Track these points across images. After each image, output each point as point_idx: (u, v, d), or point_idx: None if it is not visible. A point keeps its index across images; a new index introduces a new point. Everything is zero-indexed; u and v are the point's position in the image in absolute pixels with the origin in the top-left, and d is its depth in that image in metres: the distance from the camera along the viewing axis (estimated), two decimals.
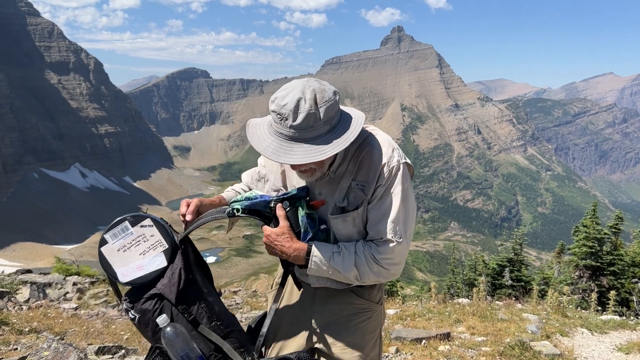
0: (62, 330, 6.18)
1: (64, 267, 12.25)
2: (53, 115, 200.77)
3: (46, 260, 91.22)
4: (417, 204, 1.75)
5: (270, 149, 1.80)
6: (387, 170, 1.95)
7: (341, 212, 2.00)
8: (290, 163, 1.79)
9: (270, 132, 1.83)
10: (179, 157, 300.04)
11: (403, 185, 1.99)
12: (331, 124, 1.81)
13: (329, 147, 1.77)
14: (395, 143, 2.09)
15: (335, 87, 1.71)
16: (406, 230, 2.00)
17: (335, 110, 1.82)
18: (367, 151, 1.98)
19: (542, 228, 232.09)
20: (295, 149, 1.77)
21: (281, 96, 1.78)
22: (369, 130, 2.07)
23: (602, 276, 10.66)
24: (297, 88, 1.78)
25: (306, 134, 1.77)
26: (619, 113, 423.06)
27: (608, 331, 6.49)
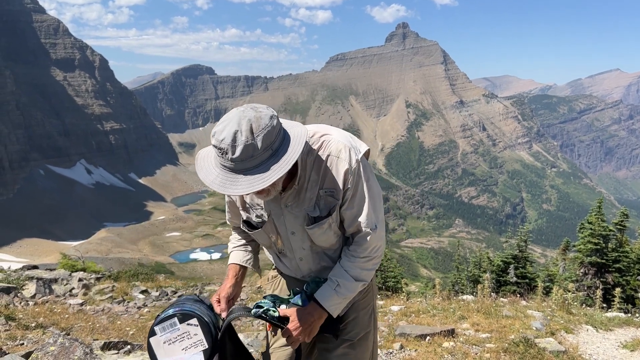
0: (68, 326, 6.22)
1: (70, 263, 12.32)
2: (59, 112, 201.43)
3: (52, 256, 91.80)
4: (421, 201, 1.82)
5: (216, 182, 1.83)
6: (350, 173, 2.04)
7: (315, 221, 2.11)
8: (235, 194, 1.84)
9: (216, 164, 1.86)
10: (184, 154, 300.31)
11: (365, 179, 2.10)
12: (272, 148, 1.83)
13: (268, 173, 1.79)
14: (349, 137, 2.17)
15: (340, 83, 1.77)
16: (377, 216, 2.15)
17: (275, 134, 1.83)
18: (327, 159, 2.06)
19: (547, 225, 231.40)
20: (239, 180, 1.80)
21: (219, 130, 1.81)
22: (322, 135, 2.13)
23: (608, 273, 10.63)
24: (233, 120, 1.80)
25: (247, 163, 1.79)
26: (625, 110, 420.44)
27: (613, 328, 6.48)
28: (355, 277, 2.14)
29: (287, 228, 2.20)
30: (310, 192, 2.09)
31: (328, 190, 2.07)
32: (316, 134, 2.13)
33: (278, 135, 1.86)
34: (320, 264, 2.31)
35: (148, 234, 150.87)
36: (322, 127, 2.21)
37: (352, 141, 2.16)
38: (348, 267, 2.15)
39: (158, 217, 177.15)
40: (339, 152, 2.06)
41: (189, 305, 1.97)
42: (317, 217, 2.11)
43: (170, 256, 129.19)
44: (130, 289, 10.30)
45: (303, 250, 2.26)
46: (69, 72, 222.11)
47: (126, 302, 9.42)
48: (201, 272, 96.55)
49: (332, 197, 2.09)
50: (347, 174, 2.04)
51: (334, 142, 2.08)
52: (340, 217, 2.16)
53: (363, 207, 2.10)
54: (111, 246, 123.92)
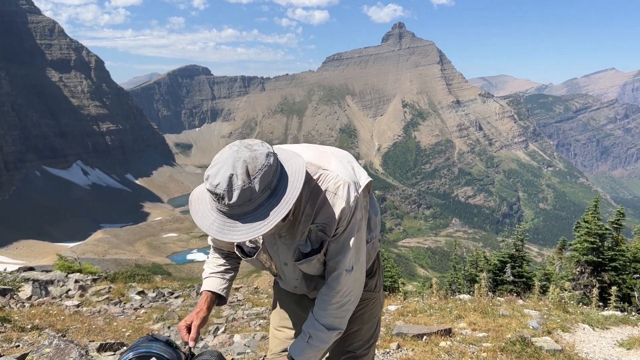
0: (64, 328, 6.20)
1: (66, 265, 12.28)
2: (55, 113, 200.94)
3: (48, 257, 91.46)
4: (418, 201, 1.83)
5: (214, 227, 1.75)
6: (347, 210, 1.95)
7: (305, 256, 2.06)
8: (235, 241, 1.80)
9: (212, 208, 1.78)
10: (181, 155, 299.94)
11: (359, 217, 2.02)
12: (271, 187, 1.75)
13: (268, 219, 1.72)
14: (350, 170, 2.07)
15: (337, 83, 1.67)
16: (359, 258, 2.07)
17: (273, 173, 1.75)
18: (324, 194, 1.96)
19: (544, 224, 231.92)
20: (237, 225, 1.73)
21: (212, 174, 1.73)
22: (320, 167, 2.02)
23: (604, 272, 10.65)
24: (227, 163, 1.71)
25: (246, 208, 1.72)
26: (620, 109, 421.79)
27: (609, 327, 6.49)
28: (327, 326, 2.06)
29: (280, 258, 2.17)
30: (303, 226, 2.00)
31: (320, 225, 1.99)
32: (314, 165, 2.01)
33: (275, 173, 1.77)
34: (315, 288, 2.27)
35: (145, 235, 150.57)
36: (323, 157, 2.07)
37: (353, 174, 2.07)
38: (319, 315, 2.07)
39: (155, 218, 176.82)
40: (337, 188, 1.96)
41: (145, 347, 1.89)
42: (309, 252, 2.05)
43: (167, 257, 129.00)
44: (126, 290, 10.28)
45: (296, 280, 2.24)
46: (65, 73, 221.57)
47: (123, 303, 9.40)
48: (198, 273, 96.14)
49: (322, 233, 2.00)
50: (342, 212, 1.95)
51: (333, 177, 1.98)
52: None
53: (347, 246, 2.01)
54: (108, 247, 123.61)
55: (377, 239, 2.38)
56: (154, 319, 8.14)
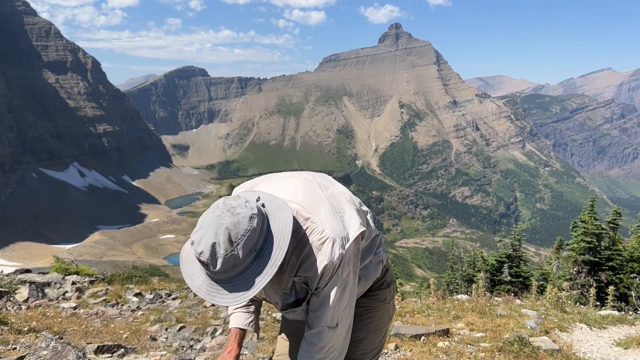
0: (61, 330, 6.18)
1: (63, 267, 12.23)
2: (51, 115, 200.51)
3: (45, 259, 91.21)
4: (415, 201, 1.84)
5: (203, 289, 1.78)
6: (329, 267, 1.92)
7: (289, 307, 2.08)
8: (222, 305, 1.77)
9: (201, 270, 1.80)
10: (178, 156, 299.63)
11: (343, 275, 1.97)
12: (256, 249, 1.76)
13: (255, 285, 1.74)
14: (337, 222, 2.00)
15: (334, 84, 1.62)
16: (344, 313, 2.03)
17: (257, 235, 1.75)
18: (309, 248, 1.94)
19: (541, 224, 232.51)
20: (223, 291, 1.75)
21: (196, 241, 1.73)
22: (308, 217, 1.99)
23: (601, 271, 10.67)
24: (209, 230, 1.71)
25: (231, 273, 1.73)
26: (616, 109, 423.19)
27: (607, 326, 6.50)
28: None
29: (271, 298, 2.21)
30: (288, 275, 2.00)
31: (302, 278, 1.98)
32: (303, 215, 1.98)
33: (260, 234, 1.77)
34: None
35: (142, 237, 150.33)
36: (312, 204, 2.02)
37: (342, 227, 2.00)
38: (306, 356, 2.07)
39: (152, 219, 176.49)
40: (321, 243, 1.92)
41: None
42: (295, 301, 2.06)
43: (165, 258, 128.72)
44: (124, 292, 10.25)
45: (289, 314, 2.22)
46: (61, 75, 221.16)
47: (120, 305, 9.37)
48: None
49: (305, 285, 1.99)
50: (325, 269, 1.92)
51: (318, 231, 1.94)
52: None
53: (327, 302, 1.97)
54: (105, 249, 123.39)
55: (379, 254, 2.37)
56: (151, 320, 8.12)
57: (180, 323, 7.84)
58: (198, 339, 7.04)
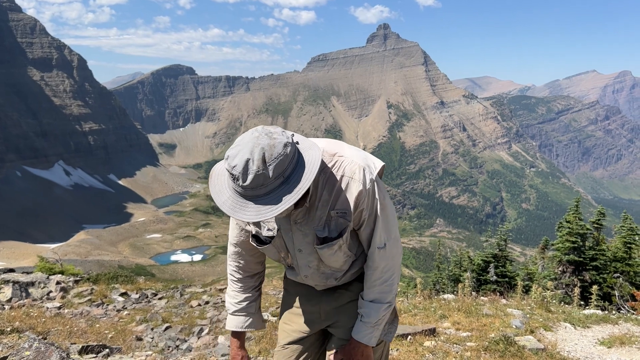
0: (44, 330, 6.10)
1: (48, 266, 12.10)
2: (36, 113, 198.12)
3: (29, 259, 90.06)
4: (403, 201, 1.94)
5: (227, 204, 1.84)
6: (364, 195, 2.04)
7: (324, 241, 2.13)
8: (243, 220, 1.83)
9: (229, 186, 1.87)
10: (165, 155, 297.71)
11: (380, 198, 2.11)
12: (284, 175, 1.83)
13: (278, 205, 1.80)
14: (363, 156, 2.15)
15: (322, 84, 1.72)
16: (390, 235, 2.17)
17: (288, 162, 1.83)
18: (341, 180, 2.05)
19: (527, 224, 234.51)
20: (248, 206, 1.81)
21: (232, 155, 1.81)
22: (335, 153, 2.10)
23: (585, 271, 10.78)
24: (246, 147, 1.79)
25: (258, 191, 1.80)
26: (601, 110, 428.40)
27: (590, 325, 6.56)
28: (375, 301, 2.20)
29: (295, 245, 2.21)
30: (321, 212, 2.08)
31: (340, 212, 2.07)
32: (330, 152, 2.10)
33: (291, 162, 1.85)
34: (325, 284, 2.35)
35: (128, 236, 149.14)
36: (336, 145, 2.16)
37: (367, 159, 2.14)
38: (365, 294, 2.22)
39: (138, 218, 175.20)
40: (353, 172, 2.04)
41: None
42: (326, 237, 2.12)
43: (151, 258, 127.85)
44: (109, 292, 10.16)
45: (309, 268, 2.28)
46: (46, 72, 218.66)
47: (105, 305, 9.29)
48: (182, 274, 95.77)
49: (343, 219, 2.08)
50: (360, 195, 2.04)
51: (348, 162, 2.06)
52: (350, 238, 2.19)
53: (375, 227, 2.12)
54: (90, 248, 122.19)
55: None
56: (137, 320, 8.06)
57: (167, 323, 7.78)
58: (184, 339, 6.99)
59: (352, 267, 2.32)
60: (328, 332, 2.51)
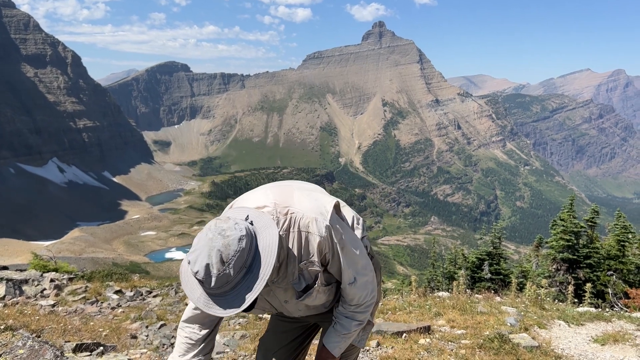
0: (38, 328, 6.07)
1: (41, 264, 12.04)
2: (29, 109, 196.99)
3: (23, 256, 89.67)
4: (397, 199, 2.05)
5: (201, 301, 1.93)
6: (323, 242, 2.17)
7: (303, 292, 2.28)
8: (217, 315, 1.96)
9: (198, 284, 1.95)
10: (159, 152, 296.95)
11: (338, 239, 2.22)
12: (246, 266, 1.92)
13: (244, 303, 1.89)
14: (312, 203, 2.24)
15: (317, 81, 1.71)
16: (356, 268, 2.32)
17: (246, 254, 1.92)
18: (300, 236, 2.16)
19: (521, 222, 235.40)
20: (219, 303, 1.91)
21: (192, 261, 1.90)
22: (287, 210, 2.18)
23: (579, 269, 10.83)
24: (203, 252, 1.88)
25: (223, 288, 1.89)
26: (595, 109, 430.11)
27: (584, 323, 6.59)
28: (350, 317, 2.42)
29: (279, 299, 2.35)
30: (292, 266, 2.19)
31: (308, 262, 2.20)
32: (282, 212, 2.18)
33: (249, 253, 1.93)
34: (318, 312, 2.54)
35: (122, 233, 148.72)
36: (285, 196, 2.25)
37: (318, 207, 2.23)
38: (341, 310, 2.42)
39: (133, 216, 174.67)
40: (307, 226, 2.15)
41: None
42: (305, 287, 2.27)
43: (145, 255, 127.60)
44: (103, 290, 10.13)
45: (299, 311, 2.46)
46: (40, 69, 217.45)
47: (100, 302, 9.26)
48: (177, 272, 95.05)
49: (312, 267, 2.22)
50: (320, 244, 2.16)
51: (300, 217, 2.16)
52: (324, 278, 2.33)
53: (340, 266, 2.26)
54: (84, 246, 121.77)
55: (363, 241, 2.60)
56: (131, 318, 8.04)
57: (161, 321, 7.76)
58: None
59: (337, 294, 2.48)
60: (317, 326, 2.73)
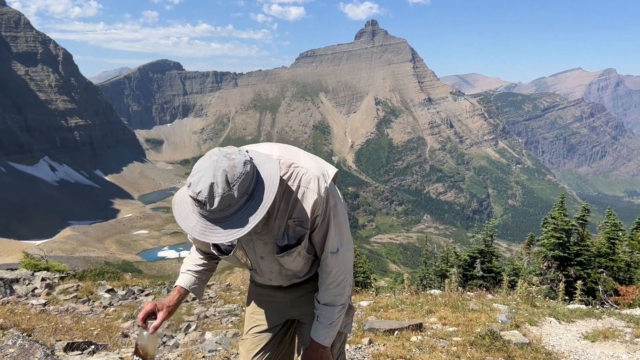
0: (29, 327, 6.05)
1: (33, 263, 11.98)
2: (20, 108, 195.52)
3: (14, 255, 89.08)
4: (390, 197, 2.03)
5: (196, 229, 1.88)
6: (319, 201, 2.13)
7: (284, 249, 2.21)
8: (215, 242, 1.91)
9: (194, 212, 1.91)
10: (152, 151, 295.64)
11: (332, 205, 2.20)
12: (248, 192, 1.89)
13: (248, 224, 1.86)
14: (317, 163, 2.24)
15: (310, 80, 1.76)
16: (342, 239, 2.27)
17: (250, 180, 1.88)
18: (297, 191, 2.12)
19: (513, 220, 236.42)
20: (218, 229, 1.86)
21: (194, 182, 1.84)
22: (291, 163, 2.16)
23: (570, 266, 10.91)
24: (207, 172, 1.83)
25: (226, 212, 1.85)
26: (586, 108, 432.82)
27: (575, 320, 6.64)
28: (328, 304, 2.31)
29: (256, 253, 2.29)
30: (279, 221, 2.14)
31: (297, 220, 2.14)
32: (285, 162, 2.15)
33: (252, 179, 1.90)
34: (290, 282, 2.46)
35: (115, 232, 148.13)
36: (290, 153, 2.23)
37: (321, 168, 2.21)
38: (320, 297, 2.33)
39: (125, 214, 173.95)
40: (308, 182, 2.12)
41: None
42: (286, 245, 2.20)
43: (138, 254, 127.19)
44: (95, 288, 10.09)
45: (271, 272, 2.38)
46: (31, 67, 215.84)
47: (91, 301, 9.22)
48: (169, 271, 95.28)
49: (300, 227, 2.16)
50: (315, 204, 2.11)
51: (303, 172, 2.13)
52: (308, 244, 2.28)
53: (328, 232, 2.21)
54: (76, 245, 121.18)
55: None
56: (123, 317, 8.01)
57: None
58: (171, 335, 6.97)
59: (312, 267, 2.42)
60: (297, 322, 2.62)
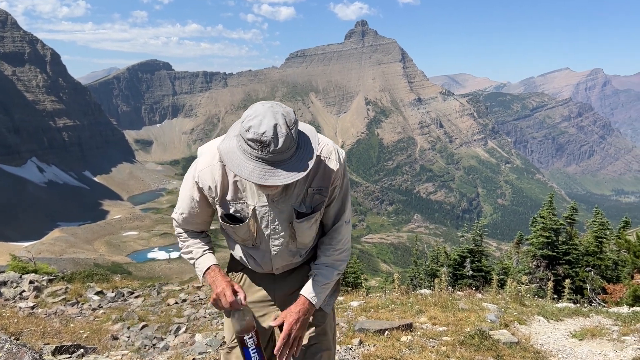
0: (17, 330, 5.99)
1: (20, 265, 11.89)
2: (8, 108, 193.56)
3: (2, 258, 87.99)
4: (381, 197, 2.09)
5: (255, 173, 1.87)
6: (340, 171, 2.23)
7: (303, 216, 2.23)
8: (278, 184, 1.89)
9: (249, 158, 1.90)
10: (141, 151, 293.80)
11: (347, 178, 2.32)
12: (297, 142, 1.95)
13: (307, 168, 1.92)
14: (332, 141, 2.31)
15: (300, 80, 1.84)
16: (349, 211, 2.39)
17: (298, 129, 1.98)
18: (319, 162, 2.19)
19: (502, 219, 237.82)
20: (278, 171, 1.88)
21: (256, 124, 1.85)
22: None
23: (558, 265, 11.00)
24: (267, 115, 1.87)
25: (284, 155, 1.88)
26: (574, 107, 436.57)
27: (563, 318, 6.68)
28: (331, 266, 2.34)
29: (269, 222, 2.26)
30: (299, 189, 2.18)
31: (316, 189, 2.20)
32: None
33: (298, 130, 1.99)
34: (291, 261, 2.40)
35: (104, 234, 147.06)
36: (308, 129, 2.22)
37: (335, 144, 2.31)
38: (324, 260, 2.35)
39: (114, 216, 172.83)
40: (329, 153, 2.21)
41: None
42: (303, 212, 2.22)
43: (128, 256, 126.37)
44: (84, 291, 10.02)
45: (277, 247, 2.34)
46: (18, 67, 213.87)
47: (80, 304, 9.16)
48: (159, 272, 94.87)
49: (319, 195, 2.21)
50: (336, 173, 2.20)
51: (324, 144, 2.23)
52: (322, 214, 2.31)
53: (345, 203, 2.32)
54: (65, 246, 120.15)
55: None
56: (113, 319, 7.97)
57: (143, 321, 7.71)
58: (161, 337, 6.94)
59: (314, 244, 2.43)
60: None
